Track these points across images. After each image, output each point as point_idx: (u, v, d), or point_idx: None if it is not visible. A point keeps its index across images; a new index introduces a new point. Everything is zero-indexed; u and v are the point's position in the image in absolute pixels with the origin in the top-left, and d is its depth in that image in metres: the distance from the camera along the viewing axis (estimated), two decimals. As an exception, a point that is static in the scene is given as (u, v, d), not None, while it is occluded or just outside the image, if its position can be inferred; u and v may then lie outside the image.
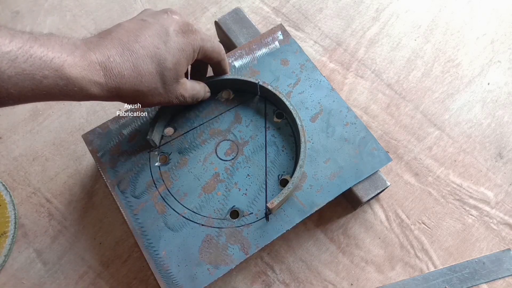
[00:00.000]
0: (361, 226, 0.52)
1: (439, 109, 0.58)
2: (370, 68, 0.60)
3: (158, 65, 0.37)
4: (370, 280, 0.49)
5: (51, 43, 0.33)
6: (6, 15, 0.64)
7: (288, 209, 0.46)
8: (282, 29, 0.55)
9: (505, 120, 0.57)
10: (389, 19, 0.64)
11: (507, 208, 0.53)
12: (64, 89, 0.33)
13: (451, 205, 0.53)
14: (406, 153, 0.56)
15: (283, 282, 0.49)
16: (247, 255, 0.44)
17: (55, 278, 0.50)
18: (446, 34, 0.63)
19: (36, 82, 0.32)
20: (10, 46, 0.30)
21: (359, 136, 0.49)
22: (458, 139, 0.56)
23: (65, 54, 0.33)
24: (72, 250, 0.51)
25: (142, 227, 0.45)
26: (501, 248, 0.51)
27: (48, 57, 0.32)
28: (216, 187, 0.47)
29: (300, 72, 0.52)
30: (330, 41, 0.62)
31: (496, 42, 0.62)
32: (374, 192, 0.48)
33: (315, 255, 0.51)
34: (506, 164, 0.55)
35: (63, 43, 0.34)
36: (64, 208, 0.53)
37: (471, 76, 0.60)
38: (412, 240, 0.51)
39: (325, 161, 0.48)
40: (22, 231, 0.52)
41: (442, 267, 0.50)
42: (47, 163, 0.55)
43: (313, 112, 0.50)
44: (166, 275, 0.43)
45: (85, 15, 0.65)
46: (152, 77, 0.38)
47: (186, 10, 0.65)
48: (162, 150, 0.49)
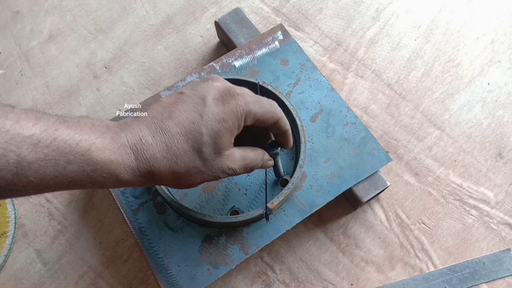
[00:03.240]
0: (361, 226, 0.52)
1: (439, 109, 0.58)
2: (370, 68, 0.60)
3: (194, 142, 0.33)
4: (370, 280, 0.49)
5: (80, 125, 0.30)
6: (6, 15, 0.64)
7: (288, 209, 0.46)
8: (282, 29, 0.55)
9: (505, 120, 0.57)
10: (389, 19, 0.64)
11: (507, 208, 0.53)
12: (91, 176, 0.30)
13: (451, 205, 0.53)
14: (406, 153, 0.56)
15: (283, 282, 0.49)
16: (247, 255, 0.44)
17: (55, 278, 0.50)
18: (446, 34, 0.63)
19: (59, 168, 0.29)
20: (33, 129, 0.28)
21: (359, 136, 0.49)
22: (458, 139, 0.56)
23: (93, 136, 0.30)
24: (72, 250, 0.51)
25: (142, 227, 0.45)
26: (501, 248, 0.51)
27: (74, 140, 0.29)
28: (216, 187, 0.47)
29: (300, 72, 0.52)
30: (330, 41, 0.62)
31: (496, 42, 0.62)
32: (374, 192, 0.48)
33: (315, 255, 0.51)
34: (506, 164, 0.55)
35: (94, 125, 0.31)
36: (64, 208, 0.53)
37: (471, 76, 0.60)
38: (412, 240, 0.51)
39: (325, 161, 0.48)
40: (22, 231, 0.52)
41: (442, 267, 0.50)
42: (47, 163, 0.55)
43: (313, 112, 0.50)
44: (166, 275, 0.43)
45: (85, 15, 0.65)
46: (188, 156, 0.33)
47: (186, 10, 0.65)
48: (162, 150, 0.49)
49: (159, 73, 0.60)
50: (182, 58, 0.61)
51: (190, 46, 0.62)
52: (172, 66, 0.61)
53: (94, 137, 0.30)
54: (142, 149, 0.32)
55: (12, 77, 0.60)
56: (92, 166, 0.30)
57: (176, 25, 0.64)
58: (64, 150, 0.29)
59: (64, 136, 0.29)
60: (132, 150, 0.32)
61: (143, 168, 0.32)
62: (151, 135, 0.32)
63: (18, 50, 0.62)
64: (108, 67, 0.61)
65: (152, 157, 0.32)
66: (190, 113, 0.33)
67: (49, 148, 0.28)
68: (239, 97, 0.35)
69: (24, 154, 0.27)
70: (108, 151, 0.31)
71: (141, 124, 0.33)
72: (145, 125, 0.33)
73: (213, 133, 0.34)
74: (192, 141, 0.33)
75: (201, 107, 0.33)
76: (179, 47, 0.62)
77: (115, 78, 0.60)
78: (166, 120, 0.33)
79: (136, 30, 0.63)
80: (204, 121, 0.33)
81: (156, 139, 0.32)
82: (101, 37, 0.63)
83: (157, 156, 0.32)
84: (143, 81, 0.60)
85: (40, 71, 0.61)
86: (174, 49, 0.62)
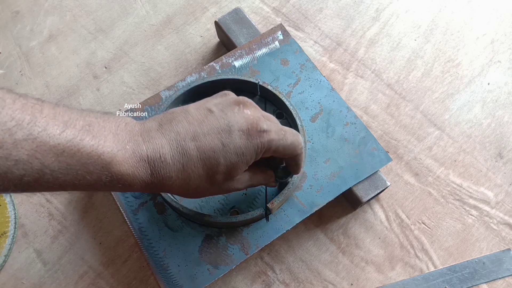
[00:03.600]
0: (361, 226, 0.52)
1: (439, 109, 0.58)
2: (370, 68, 0.60)
3: (209, 169, 0.34)
4: (370, 280, 0.49)
5: (105, 132, 0.31)
6: (6, 15, 0.64)
7: (288, 209, 0.46)
8: (282, 29, 0.55)
9: (505, 120, 0.57)
10: (389, 19, 0.64)
11: (507, 208, 0.53)
12: (106, 185, 0.31)
13: (451, 205, 0.53)
14: (406, 153, 0.56)
15: (283, 282, 0.49)
16: (247, 255, 0.44)
17: (55, 278, 0.50)
18: (446, 34, 0.63)
19: (79, 177, 0.29)
20: (60, 139, 0.28)
21: (359, 136, 0.49)
22: (458, 139, 0.56)
23: (116, 148, 0.31)
24: (72, 250, 0.51)
25: (142, 227, 0.45)
26: (501, 248, 0.51)
27: (96, 153, 0.30)
28: (216, 187, 0.47)
29: (300, 72, 0.52)
30: (330, 41, 0.62)
31: (496, 42, 0.62)
32: (374, 192, 0.48)
33: (315, 255, 0.51)
34: (506, 164, 0.55)
35: (118, 131, 0.32)
36: (64, 208, 0.53)
37: (471, 76, 0.60)
38: (412, 240, 0.51)
39: (325, 161, 0.48)
40: (22, 231, 0.52)
41: (442, 267, 0.50)
42: (47, 163, 0.55)
43: (313, 112, 0.50)
44: (166, 275, 0.43)
45: (85, 15, 0.65)
46: (201, 179, 0.34)
47: (186, 10, 0.65)
48: (162, 150, 0.49)
49: (159, 73, 0.60)
50: (182, 58, 0.61)
51: (190, 46, 0.62)
52: (172, 66, 0.61)
53: (117, 149, 0.31)
54: (159, 166, 0.33)
55: (12, 77, 0.60)
56: (109, 178, 0.31)
57: (176, 25, 0.64)
58: (86, 162, 0.29)
59: (87, 148, 0.29)
60: (150, 166, 0.32)
61: (156, 183, 0.33)
62: (170, 153, 0.33)
63: (18, 50, 0.62)
64: (108, 67, 0.61)
65: (167, 175, 0.33)
66: (214, 139, 0.33)
67: (72, 158, 0.29)
68: (265, 135, 0.35)
69: (47, 162, 0.28)
70: (127, 165, 0.31)
71: (163, 138, 0.33)
72: (167, 141, 0.33)
73: (230, 165, 0.34)
74: (208, 168, 0.34)
75: (226, 137, 0.34)
76: (179, 47, 0.62)
77: (115, 78, 0.60)
78: (189, 141, 0.33)
79: (136, 30, 0.63)
80: (224, 151, 0.34)
81: (174, 159, 0.33)
82: (101, 37, 0.63)
83: (172, 175, 0.33)
84: (143, 81, 0.60)
85: (40, 71, 0.61)
86: (174, 49, 0.62)
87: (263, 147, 0.35)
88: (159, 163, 0.32)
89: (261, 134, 0.35)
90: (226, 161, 0.34)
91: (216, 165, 0.34)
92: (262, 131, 0.35)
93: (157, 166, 0.32)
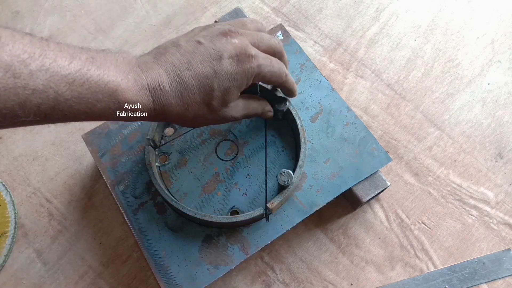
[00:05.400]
0: (361, 226, 0.52)
1: (439, 109, 0.58)
2: (370, 68, 0.60)
3: (205, 95, 0.37)
4: (370, 280, 0.49)
5: (107, 63, 0.33)
6: (6, 15, 0.64)
7: (288, 209, 0.46)
8: (282, 29, 0.55)
9: (505, 120, 0.57)
10: (389, 19, 0.64)
11: (507, 208, 0.53)
12: (115, 112, 0.34)
13: (451, 205, 0.53)
14: (406, 153, 0.56)
15: (283, 282, 0.49)
16: (247, 255, 0.44)
17: (55, 278, 0.50)
18: (446, 34, 0.63)
19: (90, 105, 0.32)
20: (69, 69, 0.30)
21: (359, 136, 0.49)
22: (458, 139, 0.56)
23: (119, 77, 0.33)
24: (72, 250, 0.51)
25: (142, 227, 0.45)
26: (501, 248, 0.51)
27: (103, 81, 0.32)
28: (216, 187, 0.47)
29: (300, 72, 0.52)
30: (330, 41, 0.62)
31: (496, 42, 0.62)
32: (374, 192, 0.48)
33: (315, 255, 0.51)
34: (506, 164, 0.55)
35: (118, 63, 0.34)
36: (64, 208, 0.53)
37: (471, 76, 0.60)
38: (412, 240, 0.51)
39: (325, 161, 0.48)
40: (22, 231, 0.52)
41: (442, 267, 0.50)
42: (47, 163, 0.55)
43: (313, 112, 0.50)
44: (166, 275, 0.43)
45: (85, 15, 0.65)
46: (198, 106, 0.37)
47: (186, 10, 0.65)
48: (162, 150, 0.49)
49: (159, 73, 0.60)
50: (182, 58, 0.61)
51: (190, 46, 0.62)
52: (172, 66, 0.61)
53: (120, 78, 0.33)
54: (159, 94, 0.35)
55: (12, 77, 0.60)
56: (117, 106, 0.34)
57: (176, 25, 0.64)
58: (95, 90, 0.32)
59: (95, 77, 0.32)
60: (151, 94, 0.35)
61: (158, 109, 0.36)
62: (168, 82, 0.36)
63: (18, 50, 0.62)
64: (108, 67, 0.61)
65: (167, 102, 0.36)
66: (206, 68, 0.36)
67: (83, 87, 0.31)
68: (253, 60, 0.38)
69: (61, 91, 0.30)
70: (131, 93, 0.34)
71: (160, 68, 0.36)
72: (164, 70, 0.36)
73: (223, 90, 0.37)
74: (204, 94, 0.37)
75: (217, 65, 0.36)
76: (179, 47, 0.62)
77: (115, 78, 0.60)
78: (184, 70, 0.36)
79: (136, 30, 0.63)
80: (217, 78, 0.36)
81: (172, 87, 0.36)
82: (101, 37, 0.63)
83: (172, 102, 0.36)
84: (143, 81, 0.60)
85: (40, 71, 0.61)
86: (174, 49, 0.62)
87: (253, 72, 0.38)
88: (159, 91, 0.35)
89: (250, 60, 0.37)
90: (219, 87, 0.37)
91: (211, 91, 0.37)
92: (250, 57, 0.38)
93: (157, 93, 0.35)
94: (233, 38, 0.37)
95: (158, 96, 0.35)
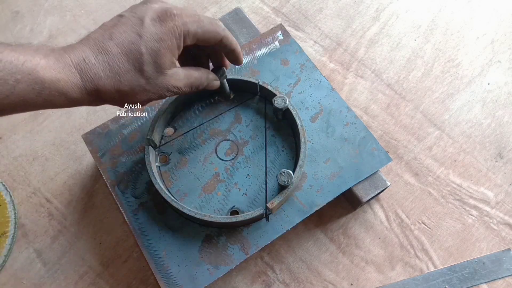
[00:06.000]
0: (361, 226, 0.52)
1: (439, 109, 0.58)
2: (370, 68, 0.60)
3: (135, 61, 0.36)
4: (370, 280, 0.49)
5: (25, 48, 0.33)
6: (6, 15, 0.64)
7: (288, 209, 0.46)
8: (282, 29, 0.55)
9: (505, 120, 0.57)
10: (389, 19, 0.64)
11: (507, 208, 0.53)
12: (42, 94, 0.33)
13: (451, 205, 0.53)
14: (406, 153, 0.56)
15: (283, 282, 0.49)
16: (247, 255, 0.44)
17: (55, 278, 0.50)
18: (446, 34, 0.63)
19: (9, 87, 0.31)
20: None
21: (359, 136, 0.49)
22: (458, 139, 0.56)
23: (38, 57, 0.32)
24: (72, 250, 0.51)
25: (142, 227, 0.45)
26: (501, 248, 0.51)
27: (19, 61, 0.31)
28: (216, 187, 0.47)
29: (300, 72, 0.52)
30: (330, 41, 0.62)
31: (496, 42, 0.62)
32: (374, 192, 0.48)
33: (315, 255, 0.51)
34: (506, 164, 0.55)
35: (38, 48, 0.34)
36: (64, 208, 0.53)
37: (471, 76, 0.60)
38: (412, 240, 0.51)
39: (325, 161, 0.48)
40: (22, 231, 0.52)
41: (442, 267, 0.50)
42: (47, 163, 0.55)
43: (313, 112, 0.50)
44: (166, 275, 0.43)
45: (85, 15, 0.65)
46: (130, 74, 0.36)
47: (186, 10, 0.65)
48: (162, 150, 0.49)
49: (159, 73, 0.60)
50: (182, 58, 0.61)
51: (190, 46, 0.62)
52: (172, 66, 0.61)
53: (39, 58, 0.32)
54: (86, 68, 0.34)
55: (12, 77, 0.60)
56: (40, 85, 0.32)
57: (176, 25, 0.64)
58: (11, 70, 0.31)
59: (9, 57, 0.31)
60: (77, 70, 0.34)
61: (89, 87, 0.35)
62: (93, 55, 0.35)
63: (18, 50, 0.62)
64: (108, 67, 0.61)
65: (96, 76, 0.35)
66: (130, 34, 0.36)
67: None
68: (176, 18, 0.37)
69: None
70: (53, 70, 0.33)
71: (83, 46, 0.35)
72: (87, 47, 0.35)
73: (152, 52, 0.36)
74: (133, 60, 0.36)
75: (140, 28, 0.36)
76: (179, 47, 0.62)
77: (115, 78, 0.60)
78: (107, 41, 0.35)
79: (136, 30, 0.63)
80: (143, 41, 0.35)
81: (98, 59, 0.35)
82: (101, 37, 0.63)
83: (101, 75, 0.35)
84: (143, 81, 0.60)
85: (40, 71, 0.61)
86: (174, 49, 0.62)
87: (180, 30, 0.37)
88: (85, 65, 0.34)
89: (173, 18, 0.37)
90: (147, 49, 0.36)
91: (139, 55, 0.35)
92: (173, 15, 0.37)
93: (83, 68, 0.34)
94: (152, 3, 0.37)
95: (85, 71, 0.34)
